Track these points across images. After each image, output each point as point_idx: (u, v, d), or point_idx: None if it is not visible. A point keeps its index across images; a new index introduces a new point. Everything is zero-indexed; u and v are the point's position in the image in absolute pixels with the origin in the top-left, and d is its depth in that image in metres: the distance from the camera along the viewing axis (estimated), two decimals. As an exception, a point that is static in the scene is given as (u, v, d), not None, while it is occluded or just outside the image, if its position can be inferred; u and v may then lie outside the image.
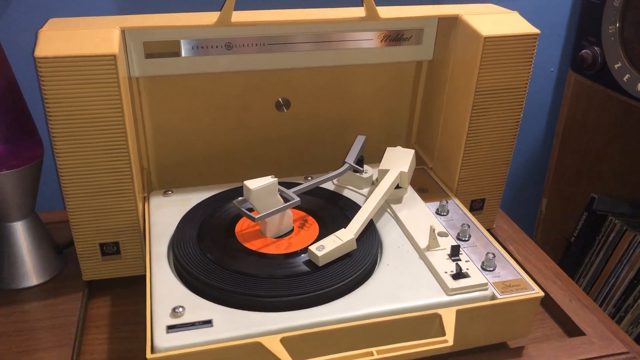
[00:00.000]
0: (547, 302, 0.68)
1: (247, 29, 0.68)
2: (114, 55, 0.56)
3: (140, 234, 0.66)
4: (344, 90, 0.79)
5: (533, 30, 0.66)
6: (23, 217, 0.67)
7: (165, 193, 0.71)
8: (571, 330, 0.64)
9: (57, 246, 0.71)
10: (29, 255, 0.68)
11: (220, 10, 0.63)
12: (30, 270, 0.68)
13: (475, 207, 0.77)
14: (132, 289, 0.69)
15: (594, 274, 1.12)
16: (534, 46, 0.67)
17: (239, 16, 0.65)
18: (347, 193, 0.72)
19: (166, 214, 0.67)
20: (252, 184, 0.59)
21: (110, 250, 0.66)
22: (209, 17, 0.64)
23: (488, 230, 0.79)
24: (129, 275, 0.68)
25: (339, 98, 0.79)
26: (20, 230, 0.67)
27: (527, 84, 0.69)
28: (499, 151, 0.73)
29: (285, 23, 0.66)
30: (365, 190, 0.72)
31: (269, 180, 0.59)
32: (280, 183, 0.64)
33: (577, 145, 1.09)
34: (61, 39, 0.57)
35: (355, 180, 0.73)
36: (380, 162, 0.71)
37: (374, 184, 0.73)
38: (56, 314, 0.64)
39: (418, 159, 0.83)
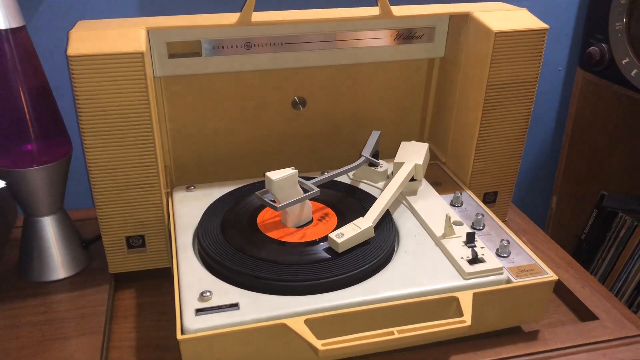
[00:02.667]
0: (560, 289, 0.70)
1: (265, 28, 0.71)
2: (142, 53, 0.59)
3: (165, 228, 0.68)
4: (358, 88, 0.81)
5: (542, 25, 0.69)
6: (52, 213, 0.69)
7: (187, 188, 0.74)
8: (585, 315, 0.66)
9: (84, 241, 0.73)
10: (58, 249, 0.70)
11: (239, 12, 0.66)
12: (58, 263, 0.70)
13: (488, 200, 0.79)
14: (157, 281, 0.71)
15: (606, 271, 1.13)
16: (543, 40, 0.69)
17: (257, 16, 0.68)
18: (363, 187, 0.74)
19: (190, 207, 0.69)
20: (274, 175, 0.61)
21: (135, 243, 0.69)
22: (230, 18, 0.67)
23: (501, 222, 0.82)
24: (153, 268, 0.70)
25: (354, 96, 0.82)
26: (49, 225, 0.70)
27: (537, 77, 0.71)
28: (510, 144, 0.75)
29: (302, 22, 0.69)
30: (380, 184, 0.74)
31: (289, 171, 0.62)
32: (301, 177, 0.66)
33: (586, 143, 1.11)
34: (91, 38, 0.60)
35: (371, 174, 0.75)
36: (394, 157, 0.73)
37: (389, 177, 0.75)
38: (85, 304, 0.66)
39: (431, 155, 0.86)
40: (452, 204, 0.71)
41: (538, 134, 1.14)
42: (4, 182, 0.61)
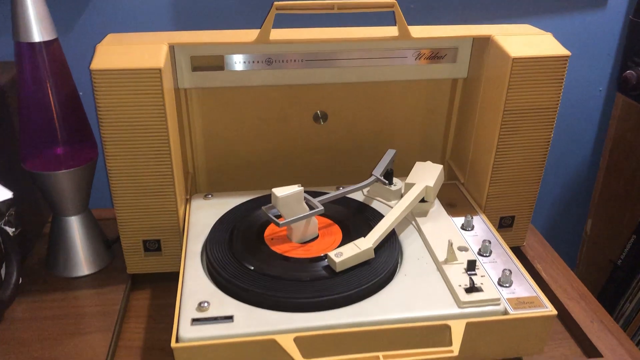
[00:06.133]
0: (568, 322, 0.69)
1: (286, 46, 0.73)
2: (159, 69, 0.61)
3: (179, 234, 0.71)
4: (380, 105, 0.82)
5: (563, 52, 0.67)
6: (78, 213, 0.74)
7: (205, 196, 0.76)
8: (590, 351, 0.64)
9: (107, 240, 0.77)
10: (82, 247, 0.74)
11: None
12: (82, 261, 0.75)
13: (505, 224, 0.78)
14: (173, 284, 0.73)
15: (642, 299, 1.09)
16: (565, 67, 0.68)
17: (278, 34, 0.69)
18: (375, 204, 0.75)
19: (205, 215, 0.72)
20: (280, 191, 0.63)
21: (152, 246, 0.72)
22: (251, 35, 0.69)
23: (517, 247, 0.81)
24: (169, 271, 0.74)
25: (376, 112, 0.82)
26: (75, 224, 0.74)
27: (557, 104, 0.70)
28: (528, 170, 0.74)
29: (320, 41, 0.70)
30: (393, 203, 0.75)
31: (295, 188, 0.63)
32: (310, 192, 0.68)
33: (624, 166, 1.07)
34: (115, 53, 0.63)
35: (384, 193, 0.76)
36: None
37: (402, 196, 0.75)
38: (101, 303, 0.70)
39: (451, 174, 0.85)
40: (462, 228, 0.71)
41: (575, 156, 1.11)
42: (12, 193, 0.66)
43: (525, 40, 0.69)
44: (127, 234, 0.71)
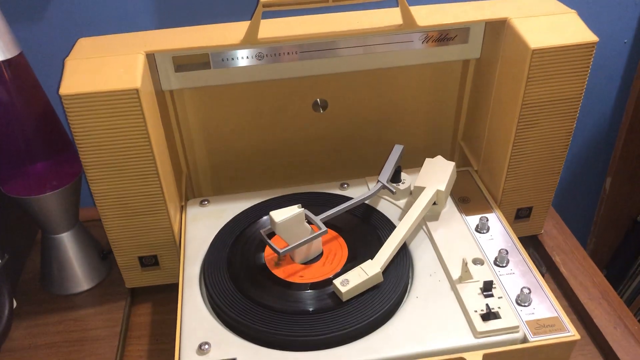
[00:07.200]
0: (590, 326, 0.65)
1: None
2: (137, 90, 0.55)
3: (177, 248, 0.67)
4: (385, 90, 0.75)
5: (590, 37, 0.59)
6: (68, 229, 0.70)
7: (201, 203, 0.72)
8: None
9: (102, 252, 0.74)
10: (77, 263, 0.71)
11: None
12: (78, 277, 0.71)
13: (522, 214, 0.73)
14: (174, 294, 0.71)
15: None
16: (591, 55, 0.60)
17: (268, 27, 0.62)
18: (382, 204, 0.70)
19: (201, 228, 0.68)
20: (278, 215, 0.58)
21: (149, 262, 0.68)
22: (238, 31, 0.61)
23: (535, 236, 0.76)
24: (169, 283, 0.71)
25: (380, 97, 0.76)
26: (66, 241, 0.70)
27: (581, 93, 0.63)
28: (548, 161, 0.68)
29: (315, 37, 0.63)
30: (402, 202, 0.70)
31: (295, 211, 0.58)
32: (312, 194, 0.63)
33: (648, 124, 1.00)
34: (86, 71, 0.57)
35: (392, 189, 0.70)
36: (420, 166, 0.68)
37: (412, 193, 0.70)
38: (102, 324, 0.67)
39: (464, 159, 0.80)
40: (477, 230, 0.66)
41: (595, 113, 1.04)
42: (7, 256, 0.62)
43: (546, 23, 0.61)
44: (121, 252, 0.67)
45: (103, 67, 0.57)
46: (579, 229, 1.18)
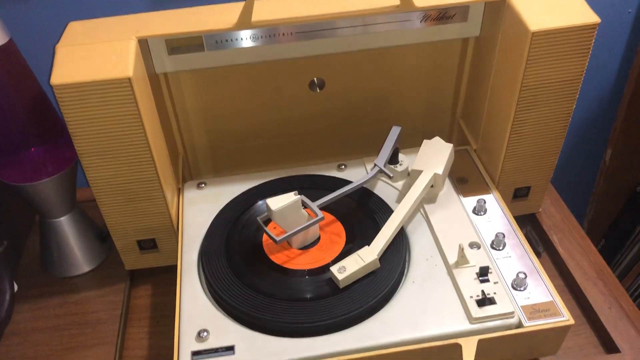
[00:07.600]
0: (585, 307, 0.66)
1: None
2: (129, 78, 0.54)
3: (174, 232, 0.67)
4: (383, 70, 0.74)
5: (592, 18, 0.58)
6: (66, 213, 0.70)
7: (198, 185, 0.72)
8: (607, 342, 0.62)
9: (101, 233, 0.74)
10: (76, 247, 0.71)
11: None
12: (78, 259, 0.72)
13: (520, 194, 0.73)
14: (174, 275, 0.71)
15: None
16: (592, 37, 0.59)
17: (263, 7, 0.60)
18: (380, 186, 0.70)
19: (198, 212, 0.68)
20: (274, 203, 0.58)
21: (147, 245, 0.69)
22: (232, 13, 0.60)
23: (533, 214, 0.76)
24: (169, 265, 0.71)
25: (378, 77, 0.75)
26: (64, 225, 0.70)
27: (582, 75, 0.62)
28: (547, 142, 0.67)
29: (310, 19, 0.61)
30: (399, 184, 0.70)
31: (291, 198, 0.58)
32: (310, 177, 0.62)
33: (650, 96, 0.99)
34: (77, 58, 0.56)
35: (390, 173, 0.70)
36: (418, 145, 0.68)
37: (409, 175, 0.70)
38: (103, 307, 0.68)
39: (462, 138, 0.79)
40: (474, 212, 0.66)
41: (597, 83, 1.03)
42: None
43: (546, 3, 0.60)
44: (119, 236, 0.67)
45: (94, 55, 0.56)
46: (578, 199, 1.18)
